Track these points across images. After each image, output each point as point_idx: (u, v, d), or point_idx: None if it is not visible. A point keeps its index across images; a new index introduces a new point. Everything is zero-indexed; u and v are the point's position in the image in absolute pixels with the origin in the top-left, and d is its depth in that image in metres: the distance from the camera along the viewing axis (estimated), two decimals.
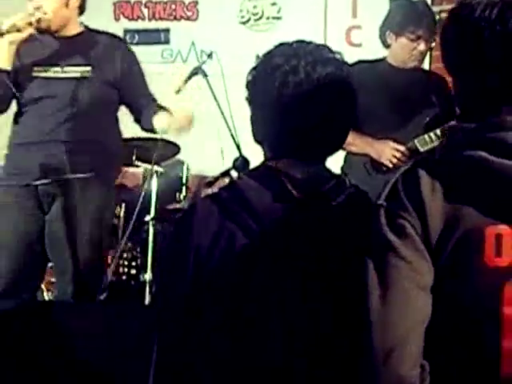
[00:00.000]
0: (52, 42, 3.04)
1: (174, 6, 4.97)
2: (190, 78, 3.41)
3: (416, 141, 3.10)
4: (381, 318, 1.18)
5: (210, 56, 3.41)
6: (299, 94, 1.42)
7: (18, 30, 2.86)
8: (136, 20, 5.03)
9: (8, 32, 2.84)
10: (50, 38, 3.04)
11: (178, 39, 4.92)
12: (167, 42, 4.89)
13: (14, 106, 3.05)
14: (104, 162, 3.02)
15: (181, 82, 3.35)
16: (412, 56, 3.14)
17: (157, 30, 4.96)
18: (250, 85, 1.50)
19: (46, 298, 3.99)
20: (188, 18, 4.95)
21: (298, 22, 4.67)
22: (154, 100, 3.13)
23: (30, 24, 2.89)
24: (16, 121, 3.04)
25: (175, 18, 4.98)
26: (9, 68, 2.92)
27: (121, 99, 3.10)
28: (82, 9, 3.10)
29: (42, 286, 3.84)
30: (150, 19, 5.03)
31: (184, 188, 4.14)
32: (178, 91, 3.30)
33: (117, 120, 3.15)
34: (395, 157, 3.09)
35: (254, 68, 1.50)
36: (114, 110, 3.13)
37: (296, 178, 1.43)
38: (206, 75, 3.36)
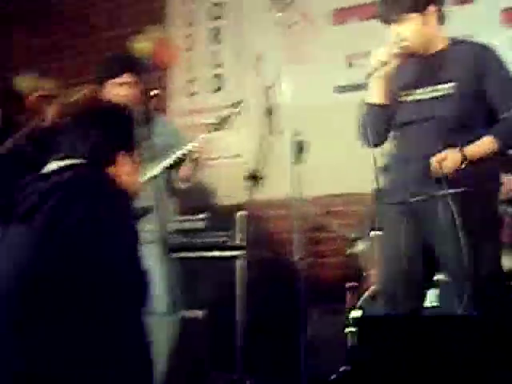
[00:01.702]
0: (415, 62, 3.01)
1: None
2: None
3: None
4: None
5: None
6: None
7: (385, 65, 2.89)
8: None
9: (376, 70, 2.89)
10: (413, 58, 3.00)
11: None
12: None
13: None
14: (483, 176, 2.92)
15: None
16: None
17: None
18: None
19: None
20: None
21: None
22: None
23: (395, 55, 2.90)
24: (391, 143, 3.10)
25: None
26: (385, 102, 2.97)
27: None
28: (441, 21, 3.01)
29: None
30: None
31: None
32: None
33: None
34: None
35: None
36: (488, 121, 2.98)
37: None
38: None
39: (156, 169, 3.46)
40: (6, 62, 6.32)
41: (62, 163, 2.16)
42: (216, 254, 4.35)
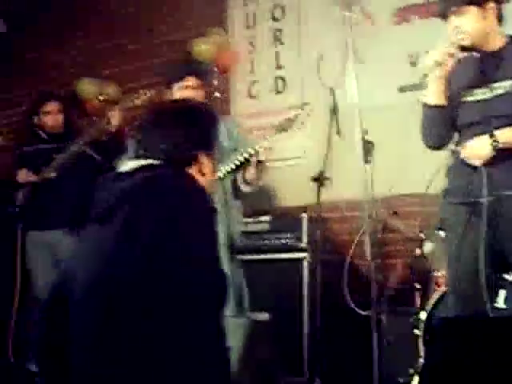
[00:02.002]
0: (474, 61, 2.96)
1: None
2: None
3: None
4: None
5: None
6: None
7: (441, 64, 2.84)
8: None
9: (431, 70, 2.85)
10: (471, 57, 2.96)
11: None
12: None
13: None
14: None
15: None
16: None
17: None
18: None
19: None
20: None
21: None
22: None
23: (451, 55, 2.85)
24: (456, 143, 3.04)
25: None
26: (444, 103, 2.92)
27: None
28: (500, 19, 2.95)
29: None
30: None
31: None
32: None
33: None
34: None
35: None
36: None
37: None
38: None
39: (222, 171, 3.47)
40: (69, 66, 6.43)
41: (139, 163, 2.12)
42: (281, 256, 4.34)
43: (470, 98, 2.95)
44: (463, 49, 2.90)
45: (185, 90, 3.84)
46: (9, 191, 4.77)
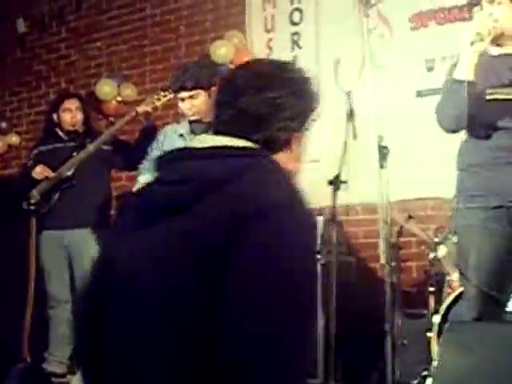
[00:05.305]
0: (502, 60, 2.95)
1: None
2: None
3: None
4: None
5: None
6: None
7: (482, 40, 2.81)
8: None
9: (475, 42, 2.81)
10: (498, 57, 2.95)
11: None
12: None
13: None
14: None
15: None
16: None
17: None
18: None
19: None
20: None
21: None
22: None
23: (489, 33, 2.83)
24: (470, 143, 3.00)
25: None
26: (473, 79, 2.85)
27: None
28: None
29: None
30: None
31: None
32: None
33: None
34: None
35: None
36: None
37: None
38: None
39: None
40: (88, 68, 6.49)
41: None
42: None
43: (492, 98, 2.90)
44: (493, 39, 2.88)
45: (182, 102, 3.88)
46: (25, 189, 4.75)
